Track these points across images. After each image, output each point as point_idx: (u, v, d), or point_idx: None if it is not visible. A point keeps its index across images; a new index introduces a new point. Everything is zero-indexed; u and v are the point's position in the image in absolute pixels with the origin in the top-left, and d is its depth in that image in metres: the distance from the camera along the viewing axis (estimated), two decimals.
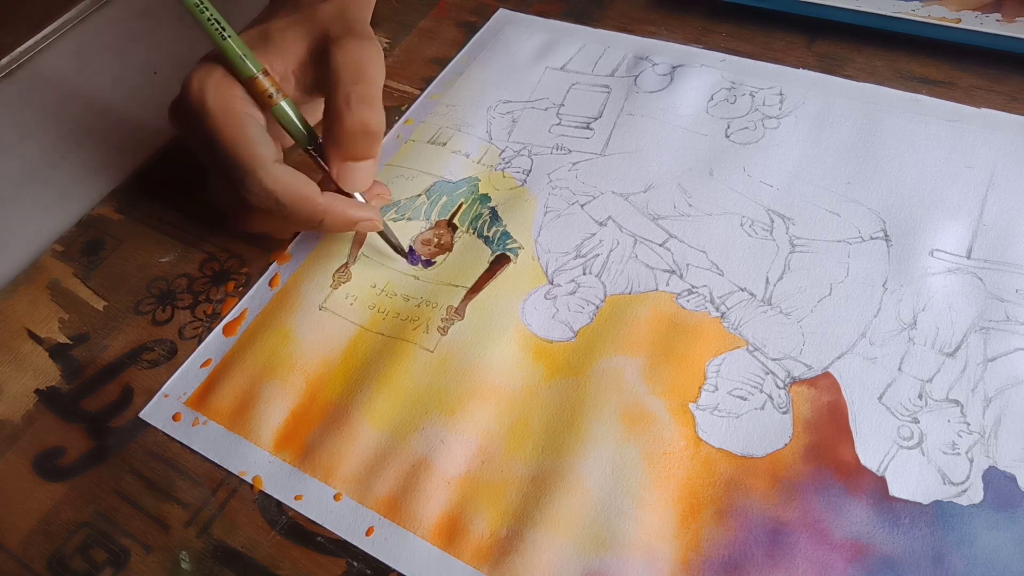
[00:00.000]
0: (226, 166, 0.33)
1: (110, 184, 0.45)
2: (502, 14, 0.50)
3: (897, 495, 0.28)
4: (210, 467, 0.33)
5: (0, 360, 0.38)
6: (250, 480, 0.32)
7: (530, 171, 0.41)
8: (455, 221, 0.39)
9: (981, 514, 0.27)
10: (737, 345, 0.33)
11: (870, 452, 0.29)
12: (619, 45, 0.46)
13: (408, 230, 0.39)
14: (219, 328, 0.37)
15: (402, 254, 0.38)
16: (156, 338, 0.38)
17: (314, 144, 0.35)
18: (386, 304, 0.37)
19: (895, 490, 0.28)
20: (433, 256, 0.38)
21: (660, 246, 0.36)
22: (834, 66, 0.43)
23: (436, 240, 0.39)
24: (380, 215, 0.36)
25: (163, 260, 0.41)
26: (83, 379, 0.37)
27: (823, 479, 0.29)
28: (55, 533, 0.32)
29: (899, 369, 0.31)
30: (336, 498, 0.31)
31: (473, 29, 0.50)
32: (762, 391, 0.31)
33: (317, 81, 0.35)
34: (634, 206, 0.38)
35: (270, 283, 0.39)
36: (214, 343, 0.37)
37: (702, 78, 0.43)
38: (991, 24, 0.40)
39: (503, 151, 0.42)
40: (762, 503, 0.29)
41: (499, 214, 0.39)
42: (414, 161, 0.43)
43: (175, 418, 0.34)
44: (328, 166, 0.34)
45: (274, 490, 0.32)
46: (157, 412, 0.35)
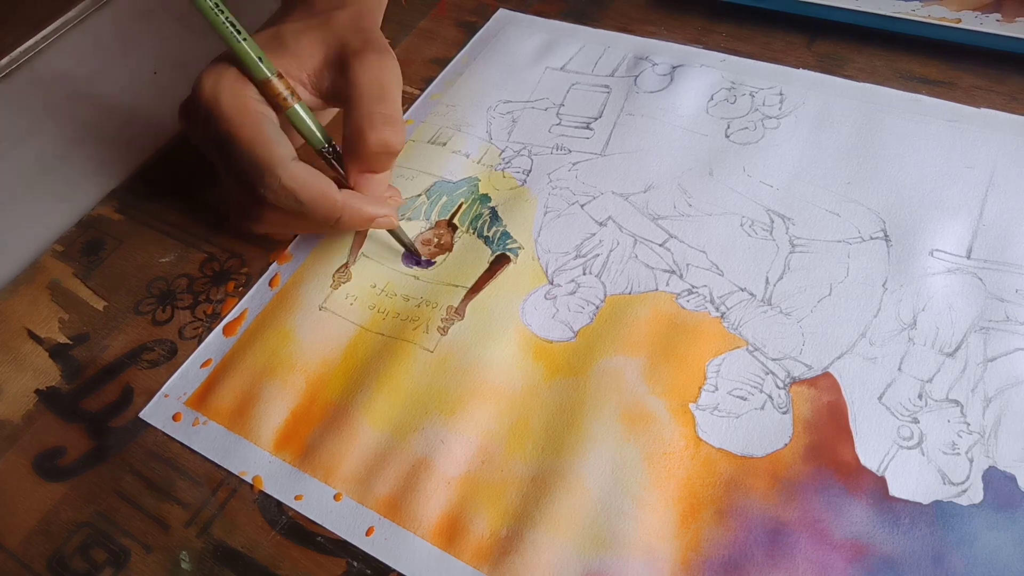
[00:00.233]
0: (242, 166, 0.32)
1: (110, 184, 0.45)
2: (502, 14, 0.50)
3: (897, 495, 0.28)
4: (210, 467, 0.33)
5: (0, 360, 0.38)
6: (250, 480, 0.32)
7: (530, 171, 0.41)
8: (455, 221, 0.39)
9: (981, 514, 0.27)
10: (737, 345, 0.33)
11: (870, 452, 0.29)
12: (619, 45, 0.46)
13: (408, 230, 0.39)
14: (219, 328, 0.37)
15: (414, 252, 0.38)
16: (156, 338, 0.38)
17: (328, 146, 0.35)
18: (386, 304, 0.37)
19: (895, 490, 0.28)
20: (433, 256, 0.38)
21: (660, 246, 0.36)
22: (834, 66, 0.43)
23: (436, 240, 0.39)
24: (396, 213, 0.36)
25: (163, 260, 0.41)
26: (83, 379, 0.37)
27: (823, 479, 0.29)
28: (55, 533, 0.32)
29: (899, 369, 0.31)
30: (336, 498, 0.31)
31: (473, 29, 0.50)
32: (762, 391, 0.31)
33: (334, 90, 0.35)
34: (634, 206, 0.38)
35: (270, 283, 0.39)
36: (214, 343, 0.37)
37: (702, 78, 0.43)
38: (991, 24, 0.40)
39: (503, 151, 0.42)
40: (762, 503, 0.29)
41: (499, 214, 0.39)
42: (414, 161, 0.43)
43: (175, 418, 0.34)
44: (346, 175, 0.34)
45: (274, 490, 0.32)
46: (157, 412, 0.35)
